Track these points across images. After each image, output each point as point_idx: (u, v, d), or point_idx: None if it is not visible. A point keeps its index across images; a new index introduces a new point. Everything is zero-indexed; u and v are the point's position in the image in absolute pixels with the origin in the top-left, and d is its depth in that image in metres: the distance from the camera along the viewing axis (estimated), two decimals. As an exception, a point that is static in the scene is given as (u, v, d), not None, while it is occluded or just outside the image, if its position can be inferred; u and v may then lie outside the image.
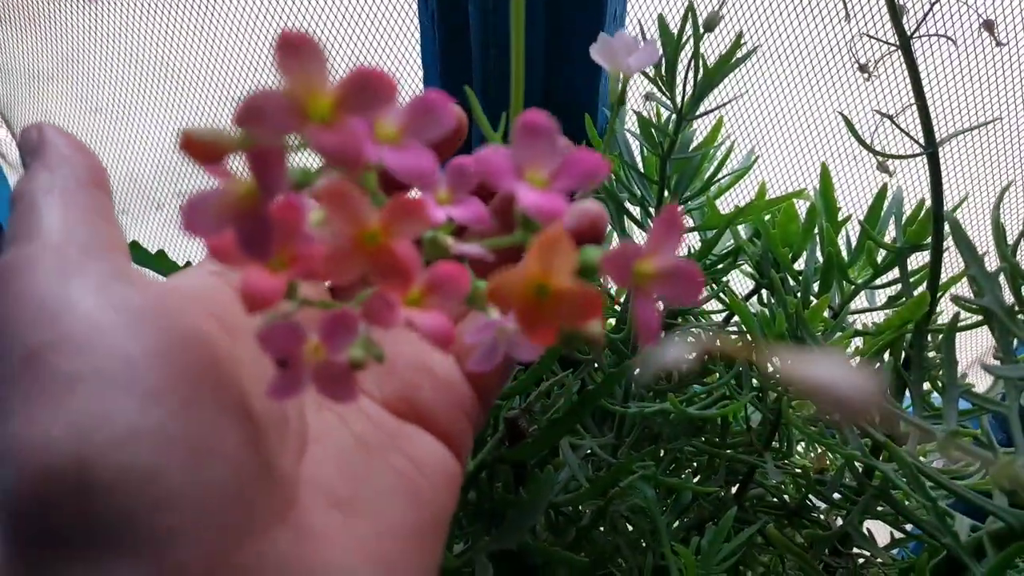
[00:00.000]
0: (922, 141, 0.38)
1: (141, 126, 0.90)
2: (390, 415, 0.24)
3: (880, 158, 0.37)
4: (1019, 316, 0.34)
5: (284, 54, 0.14)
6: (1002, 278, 0.36)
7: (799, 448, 0.56)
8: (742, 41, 0.35)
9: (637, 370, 0.37)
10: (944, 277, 0.43)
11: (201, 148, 0.14)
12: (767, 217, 0.50)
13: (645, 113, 0.40)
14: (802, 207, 0.51)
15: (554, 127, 0.16)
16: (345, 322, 0.16)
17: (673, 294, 0.16)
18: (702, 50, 0.35)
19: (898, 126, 0.37)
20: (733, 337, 0.55)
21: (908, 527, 0.47)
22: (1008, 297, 0.35)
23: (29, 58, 0.84)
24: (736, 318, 0.55)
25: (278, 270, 0.16)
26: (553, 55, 0.49)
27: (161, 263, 0.43)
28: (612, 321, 0.52)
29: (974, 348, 0.73)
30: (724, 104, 0.38)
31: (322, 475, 0.20)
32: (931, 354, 0.43)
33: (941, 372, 0.37)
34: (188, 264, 0.44)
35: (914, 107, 0.37)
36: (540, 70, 0.47)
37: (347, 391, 0.16)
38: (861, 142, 0.35)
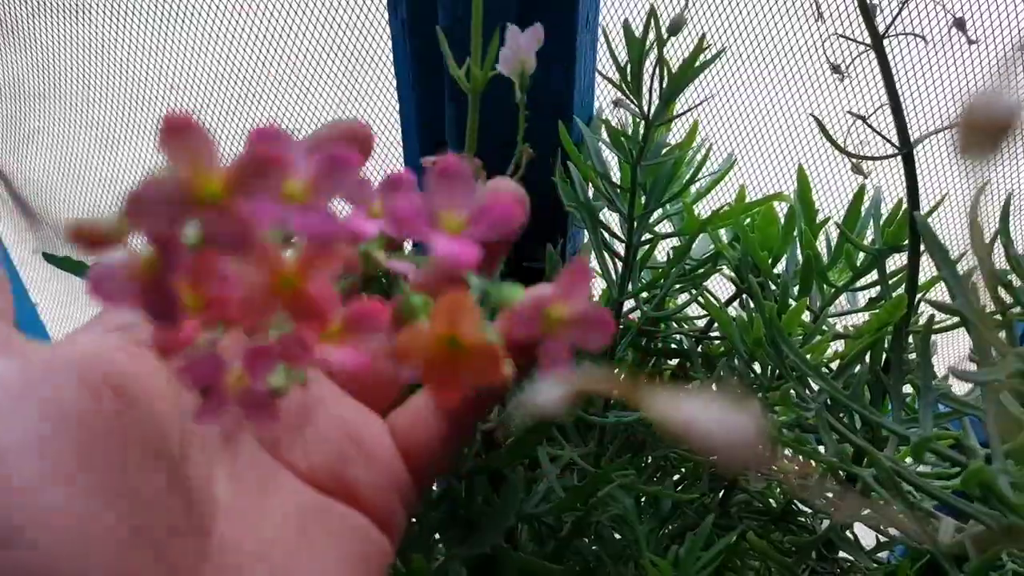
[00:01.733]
0: (896, 142, 0.37)
1: (134, 144, 0.89)
2: (315, 491, 0.22)
3: (854, 160, 0.37)
4: (997, 316, 0.34)
5: (168, 138, 0.13)
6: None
7: (787, 452, 0.56)
8: (706, 44, 0.34)
9: (510, 410, 0.36)
10: (924, 278, 0.43)
11: (90, 238, 0.14)
12: (747, 221, 0.50)
13: (615, 120, 0.40)
14: (782, 209, 0.51)
15: (469, 171, 0.16)
16: (264, 353, 0.15)
17: (583, 339, 0.17)
18: (670, 54, 0.35)
19: (871, 127, 0.36)
20: (716, 343, 0.54)
21: (893, 530, 0.46)
22: (986, 298, 0.35)
23: (18, 76, 0.83)
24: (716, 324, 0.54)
25: (193, 310, 0.15)
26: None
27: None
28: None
29: (959, 348, 0.73)
30: (690, 109, 0.37)
31: (242, 552, 0.19)
32: (911, 356, 0.42)
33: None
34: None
35: (888, 107, 0.37)
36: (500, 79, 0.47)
37: (270, 416, 0.16)
38: (835, 144, 0.35)
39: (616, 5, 0.49)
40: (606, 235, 0.45)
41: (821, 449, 0.42)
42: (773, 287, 0.50)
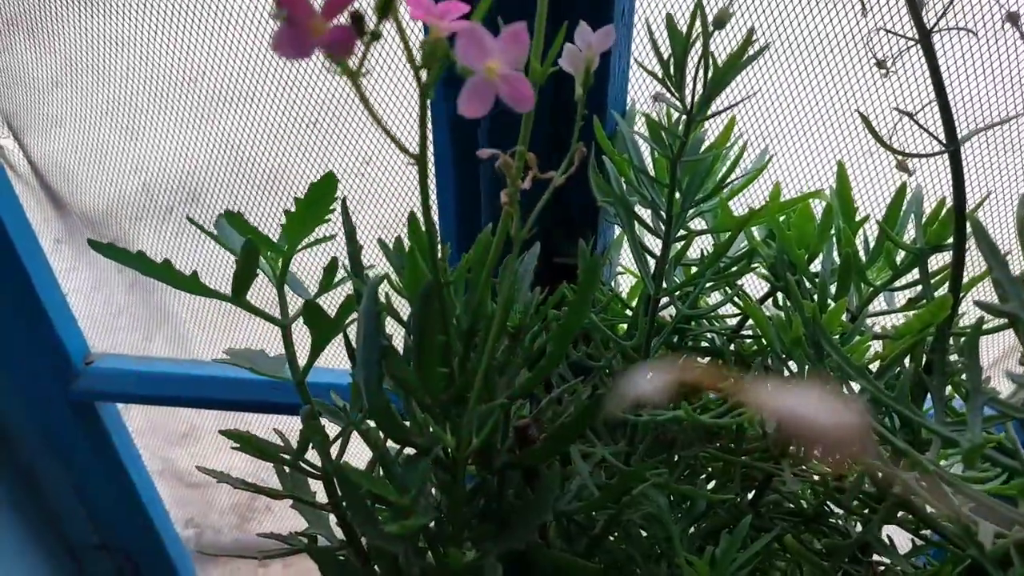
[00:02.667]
0: (943, 139, 0.37)
1: (151, 132, 0.90)
2: None
3: (900, 157, 0.36)
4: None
5: None
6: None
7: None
8: (753, 38, 0.34)
9: (609, 401, 0.36)
10: (967, 277, 0.42)
11: None
12: (782, 218, 0.49)
13: (654, 115, 0.39)
14: (818, 207, 0.50)
15: None
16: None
17: (508, 96, 0.24)
18: (712, 48, 0.34)
19: (918, 123, 0.36)
20: (748, 343, 0.54)
21: (929, 533, 0.46)
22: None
23: (36, 64, 0.84)
24: (750, 322, 0.54)
25: None
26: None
27: (167, 274, 0.43)
28: (624, 326, 0.52)
29: (997, 347, 0.72)
30: (735, 105, 0.37)
31: None
32: (953, 358, 0.41)
33: (964, 377, 0.36)
34: (194, 274, 0.44)
35: (934, 104, 0.36)
36: (559, 50, 0.46)
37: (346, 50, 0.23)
38: (880, 141, 0.34)
39: (650, 10, 0.48)
40: (639, 231, 0.45)
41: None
42: (809, 286, 0.49)
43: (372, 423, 0.40)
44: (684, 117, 0.36)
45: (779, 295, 0.52)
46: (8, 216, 0.77)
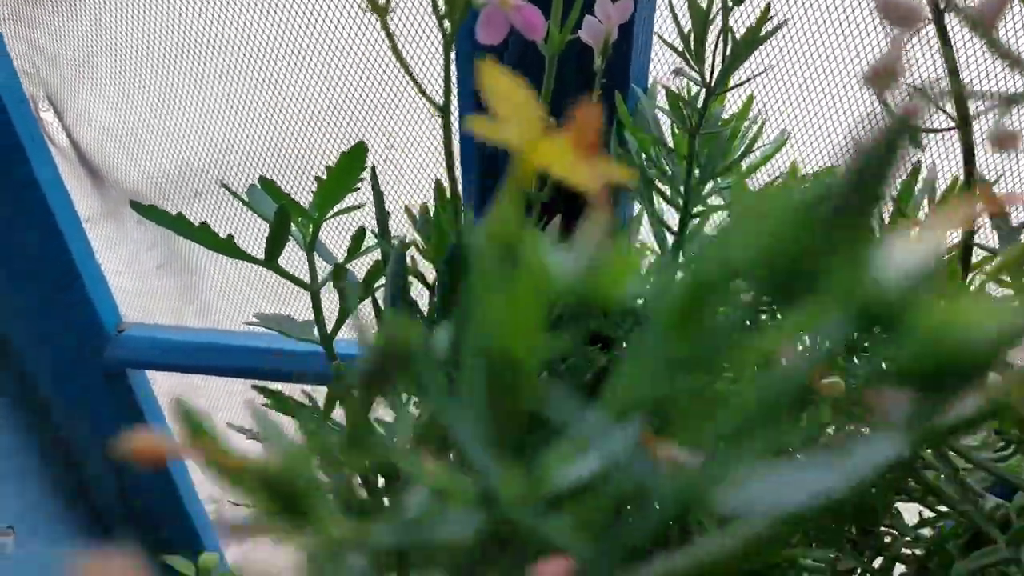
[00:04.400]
0: (955, 115, 0.38)
1: (185, 113, 0.92)
2: None
3: (912, 131, 0.37)
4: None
5: None
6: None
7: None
8: (771, 14, 0.35)
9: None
10: (976, 258, 0.43)
11: None
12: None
13: (675, 89, 0.41)
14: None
15: None
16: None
17: (520, 23, 0.27)
18: (732, 23, 0.36)
19: (931, 99, 0.36)
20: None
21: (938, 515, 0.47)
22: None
23: (72, 42, 0.86)
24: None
25: None
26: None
27: (205, 237, 0.45)
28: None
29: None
30: (754, 77, 0.38)
31: None
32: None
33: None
34: (230, 237, 0.46)
35: (947, 80, 0.37)
36: (571, 43, 0.47)
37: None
38: (891, 113, 0.35)
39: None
40: (658, 207, 0.46)
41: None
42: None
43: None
44: (703, 91, 0.38)
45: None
46: (48, 186, 0.80)
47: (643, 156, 0.47)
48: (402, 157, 0.88)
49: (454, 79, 0.55)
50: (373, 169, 0.45)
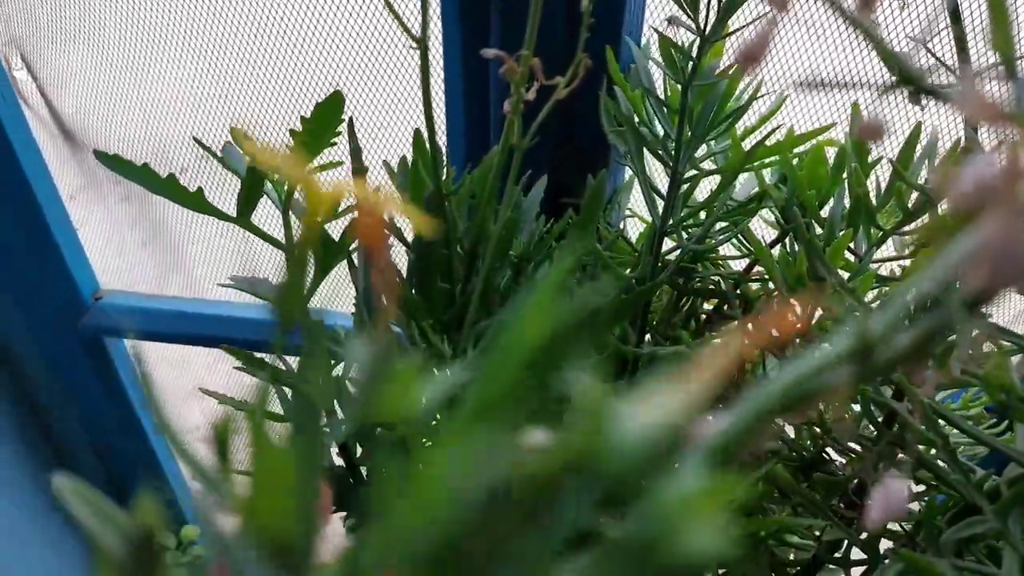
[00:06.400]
0: (959, 74, 0.36)
1: (166, 90, 0.89)
2: None
3: (912, 89, 0.35)
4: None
5: None
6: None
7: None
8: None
9: None
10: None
11: None
12: (795, 161, 0.48)
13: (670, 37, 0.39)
14: (831, 154, 0.49)
15: None
16: None
17: None
18: (728, -32, 0.34)
19: (934, 55, 0.35)
20: (754, 287, 0.54)
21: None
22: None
23: (53, 16, 0.84)
24: (757, 268, 0.53)
25: None
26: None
27: (172, 189, 0.43)
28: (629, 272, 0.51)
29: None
30: (749, 24, 0.36)
31: None
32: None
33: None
34: (199, 191, 0.44)
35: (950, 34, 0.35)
36: None
37: None
38: (891, 67, 0.34)
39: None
40: (650, 164, 0.44)
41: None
42: (820, 230, 0.49)
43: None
44: (698, 40, 0.36)
45: (788, 241, 0.52)
46: (21, 150, 0.78)
47: (634, 114, 0.46)
48: (393, 120, 0.85)
49: (436, 15, 0.53)
50: (351, 121, 0.43)
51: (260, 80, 0.82)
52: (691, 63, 0.36)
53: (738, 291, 0.52)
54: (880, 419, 0.43)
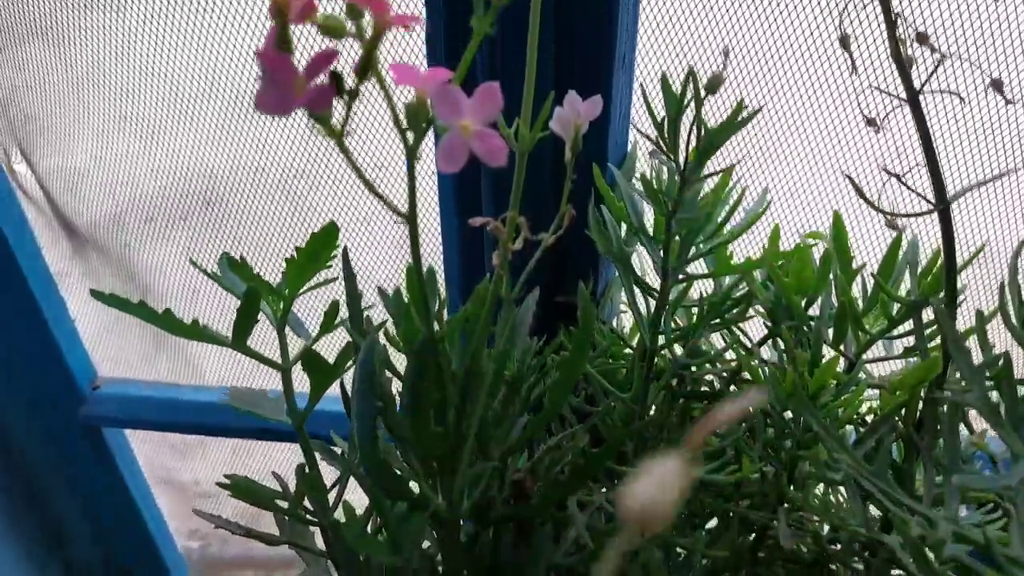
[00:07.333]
0: (932, 198, 0.37)
1: (169, 139, 0.90)
2: None
3: (888, 216, 0.36)
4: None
5: None
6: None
7: (818, 490, 0.55)
8: (744, 106, 0.34)
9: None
10: (961, 327, 0.42)
11: None
12: (780, 263, 0.49)
13: (650, 169, 0.40)
14: (816, 250, 0.50)
15: None
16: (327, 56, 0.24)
17: (481, 151, 0.24)
18: (705, 110, 0.35)
19: (907, 186, 0.36)
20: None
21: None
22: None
23: (58, 69, 0.84)
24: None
25: None
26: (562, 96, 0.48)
27: (168, 323, 0.43)
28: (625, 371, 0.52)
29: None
30: (726, 170, 0.37)
31: None
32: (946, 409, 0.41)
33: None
34: (195, 322, 0.45)
35: (924, 165, 0.36)
36: (549, 113, 0.47)
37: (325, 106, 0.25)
38: (868, 203, 0.35)
39: (651, 53, 0.49)
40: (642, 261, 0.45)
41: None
42: (807, 330, 0.49)
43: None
44: (678, 178, 0.37)
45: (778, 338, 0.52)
46: (16, 241, 0.79)
47: (623, 230, 0.47)
48: (390, 180, 0.86)
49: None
50: (345, 251, 0.44)
51: (256, 129, 0.82)
52: (674, 200, 0.37)
53: (732, 389, 0.52)
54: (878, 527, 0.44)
